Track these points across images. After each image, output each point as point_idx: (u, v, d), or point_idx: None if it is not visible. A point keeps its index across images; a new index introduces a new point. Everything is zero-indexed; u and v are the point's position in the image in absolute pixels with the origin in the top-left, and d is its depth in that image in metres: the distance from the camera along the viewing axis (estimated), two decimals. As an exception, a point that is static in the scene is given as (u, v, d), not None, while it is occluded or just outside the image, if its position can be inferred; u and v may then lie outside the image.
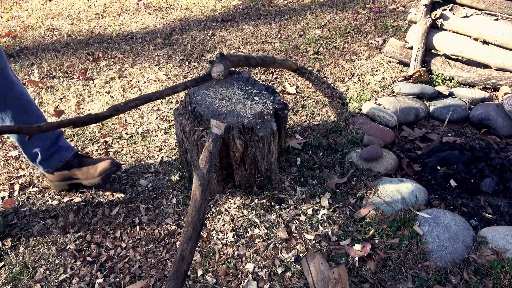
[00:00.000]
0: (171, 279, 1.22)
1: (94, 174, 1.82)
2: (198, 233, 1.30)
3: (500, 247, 1.58)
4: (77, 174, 1.86)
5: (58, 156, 1.83)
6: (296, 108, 2.49)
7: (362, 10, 3.66)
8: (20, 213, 1.84)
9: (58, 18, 3.82)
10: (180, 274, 1.22)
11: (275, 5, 3.91)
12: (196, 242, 1.29)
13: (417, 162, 2.10)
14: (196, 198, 1.34)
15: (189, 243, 1.27)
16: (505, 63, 2.48)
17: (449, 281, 1.51)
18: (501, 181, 1.93)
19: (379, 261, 1.56)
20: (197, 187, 1.37)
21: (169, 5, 4.06)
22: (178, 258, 1.24)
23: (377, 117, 2.31)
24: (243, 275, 1.54)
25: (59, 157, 1.83)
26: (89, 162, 1.86)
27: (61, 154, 1.83)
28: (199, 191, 1.35)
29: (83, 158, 1.89)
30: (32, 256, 1.65)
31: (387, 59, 2.92)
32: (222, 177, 1.83)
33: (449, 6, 2.64)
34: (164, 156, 2.13)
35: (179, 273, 1.22)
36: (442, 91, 2.51)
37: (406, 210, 1.75)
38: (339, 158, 2.05)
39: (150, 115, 2.47)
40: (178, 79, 2.83)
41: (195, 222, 1.30)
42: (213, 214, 1.77)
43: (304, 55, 3.04)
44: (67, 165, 1.84)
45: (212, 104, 1.73)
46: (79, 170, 1.85)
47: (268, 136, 1.63)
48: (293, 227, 1.71)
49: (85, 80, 2.84)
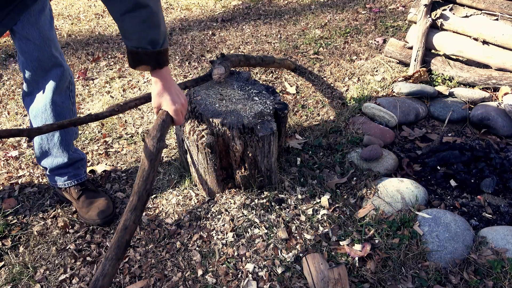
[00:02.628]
0: (112, 248, 1.17)
1: (86, 214, 1.78)
2: (144, 203, 1.25)
3: (500, 247, 1.58)
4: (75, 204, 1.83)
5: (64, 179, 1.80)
6: (296, 108, 2.49)
7: (362, 10, 3.66)
8: (20, 213, 1.84)
9: (58, 18, 3.81)
10: (121, 243, 1.17)
11: (275, 5, 3.91)
12: (141, 213, 1.25)
13: (417, 162, 2.10)
14: (144, 167, 1.28)
15: (133, 213, 1.22)
16: (505, 63, 2.48)
17: (449, 281, 1.51)
18: (501, 181, 1.93)
19: (379, 261, 1.56)
20: (146, 156, 1.31)
21: (169, 5, 4.06)
22: (120, 228, 1.19)
23: (377, 117, 2.31)
24: (243, 275, 1.54)
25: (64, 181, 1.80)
26: (86, 195, 1.81)
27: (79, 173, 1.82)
28: (148, 160, 1.29)
29: (84, 190, 1.82)
30: (32, 256, 1.65)
31: (387, 59, 2.92)
32: (222, 177, 1.83)
33: (449, 6, 2.64)
34: (164, 156, 2.13)
35: (120, 243, 1.17)
36: (442, 91, 2.51)
37: (406, 210, 1.75)
38: (339, 158, 2.05)
39: (150, 115, 2.47)
40: (178, 79, 2.83)
41: (141, 192, 1.25)
42: (213, 214, 1.77)
43: (304, 55, 3.05)
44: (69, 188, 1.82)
45: (212, 104, 1.73)
46: (76, 202, 1.82)
47: (268, 136, 1.63)
48: (293, 227, 1.71)
49: (85, 80, 2.84)
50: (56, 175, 1.79)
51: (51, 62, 1.56)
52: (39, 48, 1.50)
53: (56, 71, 1.58)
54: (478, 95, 2.43)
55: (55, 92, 1.61)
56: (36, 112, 1.64)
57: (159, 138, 1.34)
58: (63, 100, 1.65)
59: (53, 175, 1.80)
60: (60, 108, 1.65)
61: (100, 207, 1.77)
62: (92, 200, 1.79)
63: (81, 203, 1.79)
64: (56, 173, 1.79)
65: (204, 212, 1.79)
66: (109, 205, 1.79)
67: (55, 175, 1.79)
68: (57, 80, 1.59)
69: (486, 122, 2.29)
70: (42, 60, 1.53)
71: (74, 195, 1.80)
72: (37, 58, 1.52)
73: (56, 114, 1.64)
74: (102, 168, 2.05)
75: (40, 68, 1.55)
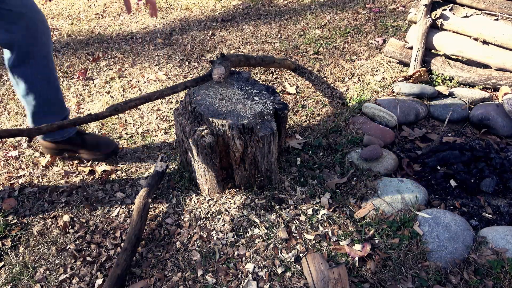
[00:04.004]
0: (107, 281, 1.46)
1: (95, 155, 2.06)
2: (133, 245, 1.55)
3: (500, 247, 1.58)
4: (79, 151, 2.06)
5: (62, 132, 1.97)
6: (296, 108, 2.49)
7: (362, 10, 3.66)
8: (20, 213, 1.84)
9: (58, 18, 3.82)
10: (113, 276, 1.47)
11: (275, 5, 3.91)
12: (132, 253, 1.54)
13: (417, 162, 2.10)
14: (134, 218, 1.63)
15: (124, 253, 1.52)
16: (505, 63, 2.48)
17: (449, 281, 1.51)
18: (501, 181, 1.93)
19: (379, 261, 1.56)
20: (135, 208, 1.66)
21: (169, 5, 4.06)
22: (114, 264, 1.50)
23: (377, 117, 2.31)
24: (243, 275, 1.54)
25: (63, 133, 1.97)
26: (90, 141, 2.06)
27: (65, 131, 1.98)
28: (136, 213, 1.64)
29: (84, 136, 2.06)
30: (32, 256, 1.65)
31: (387, 59, 2.92)
32: (222, 177, 1.83)
33: (449, 6, 2.64)
34: (164, 156, 2.13)
35: (113, 276, 1.47)
36: (442, 91, 2.51)
37: (406, 210, 1.75)
38: (339, 158, 2.05)
39: (150, 115, 2.47)
40: (178, 79, 2.83)
41: (130, 237, 1.57)
42: (213, 214, 1.77)
43: (304, 55, 3.05)
44: (68, 140, 2.00)
45: (212, 104, 1.73)
46: (81, 148, 2.05)
47: (268, 136, 1.63)
48: (293, 227, 1.71)
49: (85, 80, 2.84)
50: (55, 132, 1.94)
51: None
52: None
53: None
54: (478, 95, 2.43)
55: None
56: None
57: (145, 195, 1.69)
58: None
59: (53, 133, 1.94)
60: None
61: (105, 146, 2.08)
62: (95, 139, 2.08)
63: (89, 147, 2.06)
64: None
65: (204, 212, 1.79)
66: (112, 143, 2.09)
67: (55, 132, 1.93)
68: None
69: (486, 122, 2.29)
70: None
71: (77, 143, 2.04)
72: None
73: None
74: (102, 168, 2.05)
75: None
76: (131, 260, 1.55)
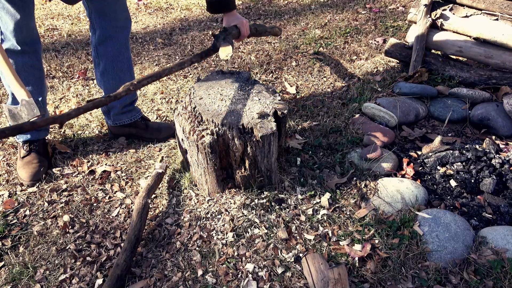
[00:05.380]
0: (107, 281, 1.48)
1: (158, 135, 2.25)
2: (133, 245, 1.57)
3: (500, 247, 1.58)
4: (143, 134, 2.25)
5: (130, 115, 2.19)
6: (296, 108, 2.49)
7: (362, 10, 3.66)
8: (20, 213, 1.84)
9: (58, 18, 3.82)
10: (113, 277, 1.49)
11: (275, 5, 3.91)
12: (131, 254, 1.56)
13: (417, 162, 2.10)
14: (133, 218, 1.65)
15: (124, 254, 1.54)
16: (505, 63, 2.48)
17: (449, 281, 1.51)
18: (501, 181, 1.93)
19: (379, 261, 1.56)
20: (135, 209, 1.68)
21: (169, 5, 4.07)
22: (114, 265, 1.52)
23: (377, 117, 2.31)
24: (243, 275, 1.54)
25: (130, 116, 2.19)
26: (152, 125, 2.27)
27: (132, 114, 2.21)
28: (136, 213, 1.66)
29: (148, 122, 2.28)
30: (32, 256, 1.65)
31: (387, 59, 2.92)
32: (222, 177, 1.83)
33: (449, 6, 2.64)
34: (164, 156, 2.13)
35: (113, 276, 1.49)
36: (442, 91, 2.51)
37: (406, 210, 1.75)
38: (339, 158, 2.05)
39: (150, 115, 2.47)
40: (178, 79, 2.83)
41: (130, 237, 1.59)
42: (213, 214, 1.77)
43: (304, 55, 3.05)
44: (134, 123, 2.21)
45: (212, 104, 1.73)
46: (145, 131, 2.24)
47: (268, 136, 1.63)
48: (293, 227, 1.71)
49: (85, 80, 2.84)
50: (123, 114, 2.18)
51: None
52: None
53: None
54: (478, 95, 2.43)
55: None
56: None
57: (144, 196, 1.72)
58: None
59: (120, 115, 2.18)
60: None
61: (166, 130, 2.28)
62: (157, 125, 2.31)
63: (151, 130, 2.27)
64: (124, 110, 2.17)
65: (204, 212, 1.79)
66: (172, 127, 2.27)
67: (123, 114, 2.18)
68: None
69: (486, 122, 2.29)
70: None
71: (141, 127, 2.25)
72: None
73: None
74: (102, 168, 2.05)
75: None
76: (131, 260, 1.55)
